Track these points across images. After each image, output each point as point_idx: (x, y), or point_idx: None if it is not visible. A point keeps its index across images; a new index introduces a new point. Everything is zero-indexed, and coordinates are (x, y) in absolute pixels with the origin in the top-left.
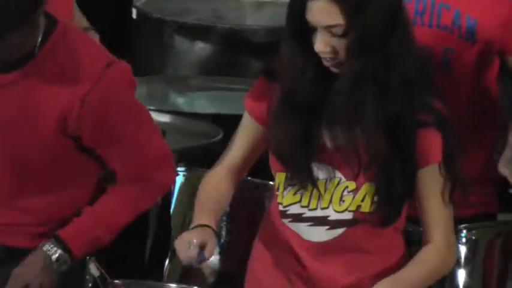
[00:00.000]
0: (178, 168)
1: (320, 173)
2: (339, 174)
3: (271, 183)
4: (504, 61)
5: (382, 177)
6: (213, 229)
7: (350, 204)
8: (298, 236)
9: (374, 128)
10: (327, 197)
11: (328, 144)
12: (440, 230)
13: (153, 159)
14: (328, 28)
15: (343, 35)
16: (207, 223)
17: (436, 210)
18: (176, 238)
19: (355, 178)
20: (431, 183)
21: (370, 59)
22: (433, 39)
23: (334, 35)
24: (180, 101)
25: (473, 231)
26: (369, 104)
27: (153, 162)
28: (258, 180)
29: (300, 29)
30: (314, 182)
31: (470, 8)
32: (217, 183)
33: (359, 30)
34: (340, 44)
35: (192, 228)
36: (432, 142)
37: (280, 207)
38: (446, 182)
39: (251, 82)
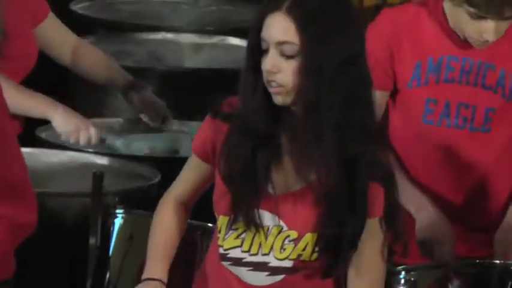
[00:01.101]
0: (117, 210)
1: (264, 219)
2: (281, 222)
3: (209, 225)
4: None
5: (330, 224)
6: (163, 282)
7: (291, 253)
8: (238, 279)
9: (331, 164)
10: (268, 243)
11: (275, 189)
12: (369, 282)
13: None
14: (280, 45)
15: (294, 56)
16: (157, 277)
17: (370, 259)
18: (114, 279)
19: (298, 227)
20: (371, 236)
21: (323, 90)
22: (477, 98)
23: (284, 54)
24: (118, 143)
25: (412, 273)
26: (327, 137)
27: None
28: (196, 222)
29: (256, 49)
30: (257, 227)
31: None
32: (168, 224)
33: (312, 54)
34: (289, 66)
35: (143, 281)
36: (376, 196)
37: (221, 250)
38: (386, 238)
39: (190, 123)
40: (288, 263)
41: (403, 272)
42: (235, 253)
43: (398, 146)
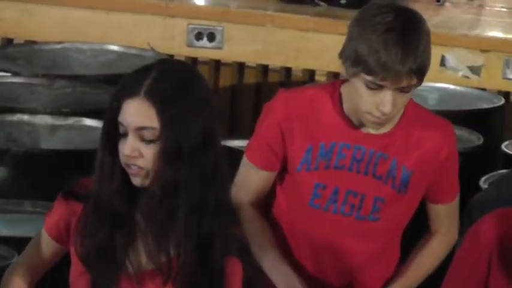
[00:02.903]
0: None
1: None
2: None
3: None
4: (427, 207)
5: None
6: None
7: None
8: None
9: (186, 243)
10: None
11: (132, 268)
12: None
13: None
14: (139, 131)
15: (154, 140)
16: None
17: None
18: None
19: None
20: None
21: (182, 171)
22: (367, 187)
23: (144, 139)
24: None
25: None
26: (182, 217)
27: None
28: None
29: (113, 132)
30: None
31: (407, 159)
32: None
33: (172, 137)
34: (149, 150)
35: None
36: (234, 270)
37: None
38: None
39: (45, 204)
40: None
41: None
42: None
43: (284, 225)
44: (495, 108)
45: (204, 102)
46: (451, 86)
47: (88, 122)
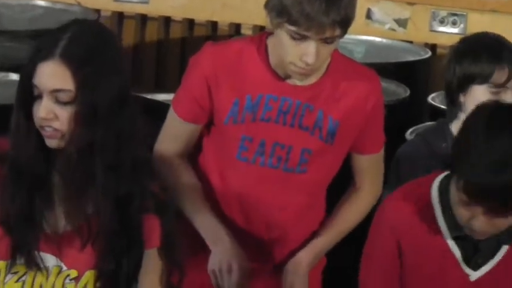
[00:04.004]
0: None
1: (45, 260)
2: (61, 262)
3: None
4: (352, 160)
5: (108, 259)
6: None
7: None
8: None
9: (105, 203)
10: (49, 284)
11: (53, 230)
12: None
13: None
14: (54, 93)
15: (70, 102)
16: None
17: None
18: None
19: (77, 266)
20: (150, 267)
21: (98, 132)
22: (293, 139)
23: (59, 101)
24: None
25: None
26: (100, 177)
27: None
28: None
29: (28, 95)
30: (39, 269)
31: (334, 110)
32: None
33: (88, 98)
34: (64, 112)
35: None
36: (152, 227)
37: None
38: (164, 267)
39: None
40: None
41: None
42: None
43: (211, 178)
44: (422, 61)
45: (118, 63)
46: (378, 39)
47: (15, 77)
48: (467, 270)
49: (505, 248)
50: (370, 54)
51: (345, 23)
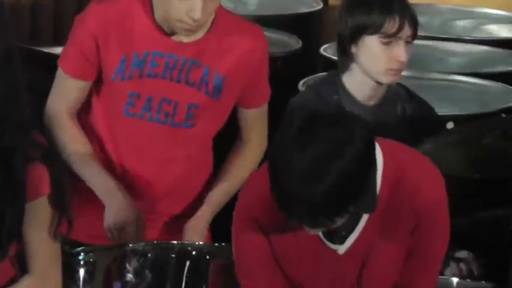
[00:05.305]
0: None
1: None
2: None
3: None
4: (238, 115)
5: None
6: None
7: None
8: None
9: None
10: None
11: None
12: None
13: None
14: None
15: None
16: None
17: (41, 242)
18: None
19: None
20: (39, 216)
21: None
22: (180, 94)
23: None
24: None
25: (91, 254)
26: None
27: None
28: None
29: None
30: None
31: (220, 65)
32: None
33: None
34: None
35: None
36: (40, 176)
37: None
38: (54, 216)
39: None
40: None
41: (82, 254)
42: None
43: (101, 135)
44: (314, 12)
45: (4, 24)
46: None
47: None
48: (334, 246)
49: (365, 216)
50: (263, 6)
51: None
